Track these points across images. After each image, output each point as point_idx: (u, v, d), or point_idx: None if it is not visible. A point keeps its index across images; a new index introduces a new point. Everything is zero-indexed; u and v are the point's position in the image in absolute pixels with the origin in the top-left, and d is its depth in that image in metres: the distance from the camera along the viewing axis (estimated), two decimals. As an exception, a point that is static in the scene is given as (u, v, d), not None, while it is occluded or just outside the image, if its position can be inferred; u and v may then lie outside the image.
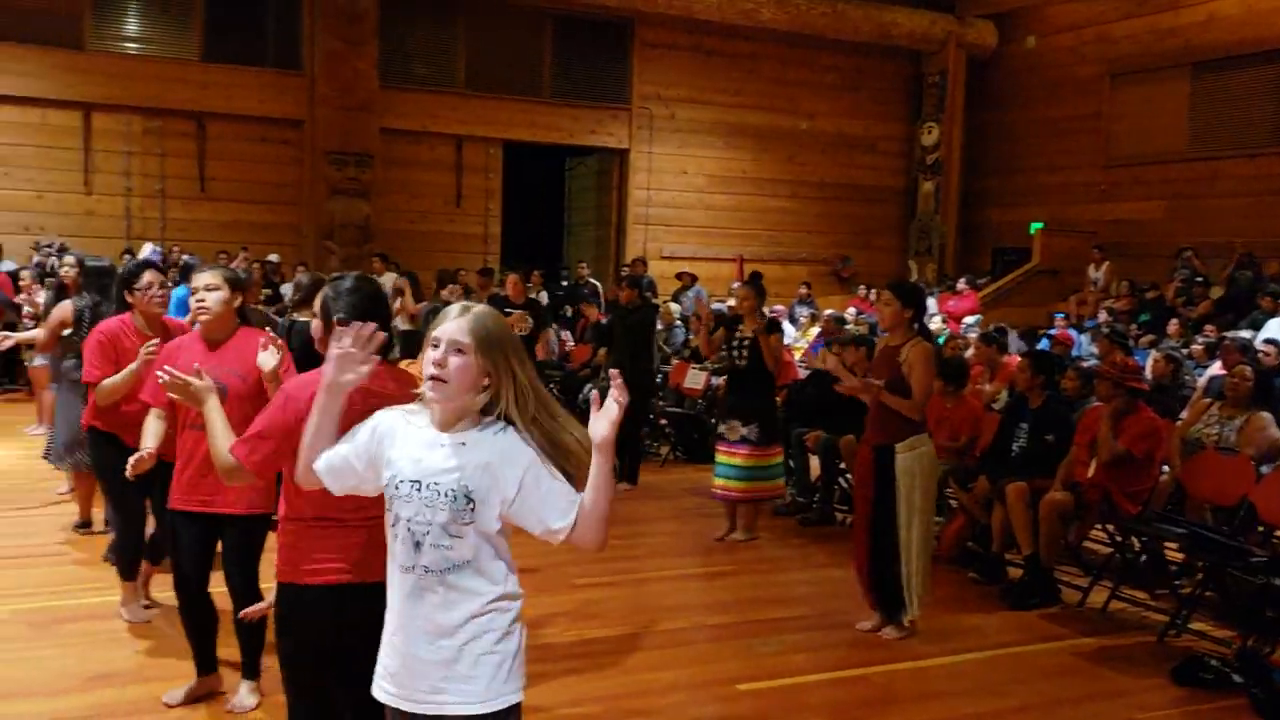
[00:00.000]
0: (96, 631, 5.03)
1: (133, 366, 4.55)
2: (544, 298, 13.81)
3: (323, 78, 14.25)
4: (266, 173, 14.66)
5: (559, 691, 4.62)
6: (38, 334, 6.49)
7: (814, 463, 8.16)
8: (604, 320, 9.85)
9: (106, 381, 4.68)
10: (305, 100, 14.46)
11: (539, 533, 2.38)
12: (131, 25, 14.11)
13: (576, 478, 2.40)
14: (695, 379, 9.62)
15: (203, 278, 4.09)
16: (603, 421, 2.33)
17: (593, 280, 15.17)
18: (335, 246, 14.26)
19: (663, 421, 10.23)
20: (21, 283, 10.74)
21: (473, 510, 2.33)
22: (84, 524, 6.56)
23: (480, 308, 2.41)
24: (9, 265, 12.30)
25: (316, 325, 3.07)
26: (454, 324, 2.35)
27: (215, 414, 3.04)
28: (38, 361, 9.03)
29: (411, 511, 2.34)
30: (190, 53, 14.19)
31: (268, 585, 3.29)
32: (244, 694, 4.21)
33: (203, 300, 4.02)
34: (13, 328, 9.86)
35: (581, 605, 5.78)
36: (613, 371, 2.40)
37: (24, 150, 13.52)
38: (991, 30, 17.85)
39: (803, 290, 15.59)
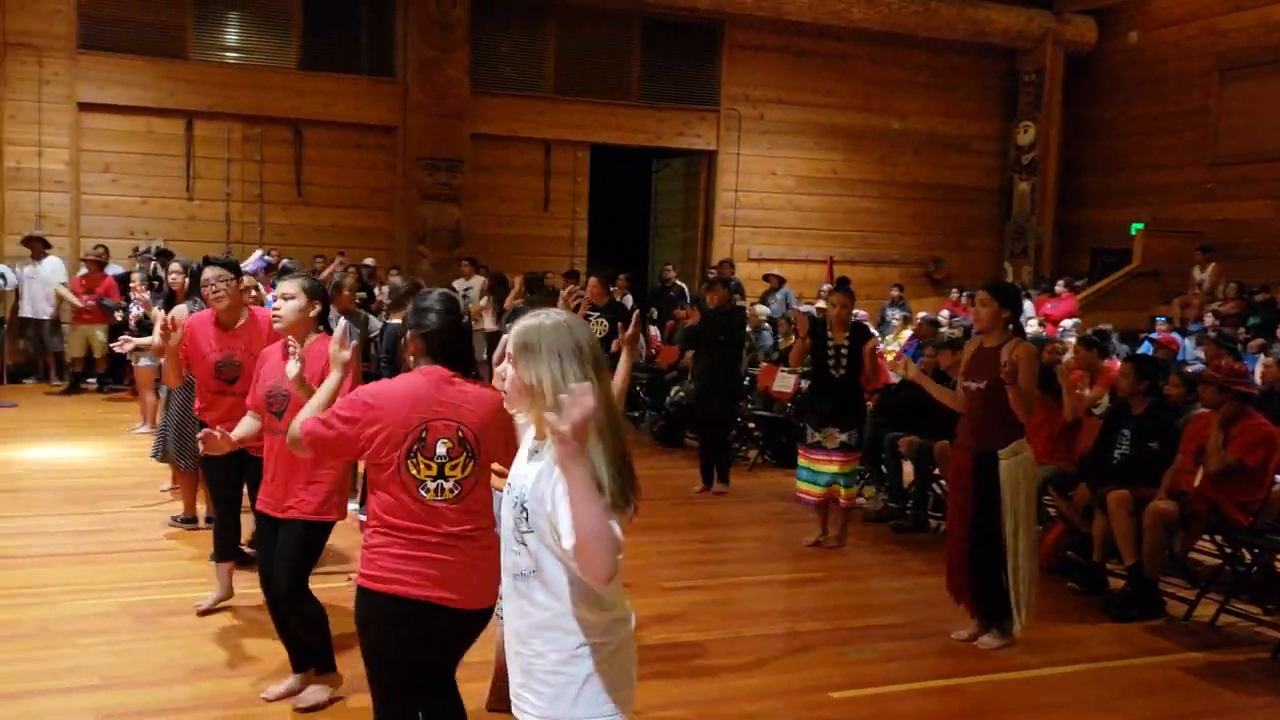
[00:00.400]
0: (200, 625, 5.17)
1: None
2: (629, 300, 13.84)
3: (415, 85, 14.47)
4: (361, 178, 14.92)
5: (648, 694, 4.60)
6: (155, 339, 6.68)
7: (907, 468, 8.01)
8: (694, 323, 9.82)
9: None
10: (399, 107, 14.70)
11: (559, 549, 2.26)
12: (232, 35, 14.49)
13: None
14: (784, 382, 9.54)
15: (282, 286, 4.26)
16: (559, 432, 2.09)
17: (679, 282, 15.14)
18: (427, 250, 14.46)
19: (750, 425, 10.15)
20: (131, 285, 11.07)
21: (527, 519, 2.33)
22: (188, 519, 6.75)
23: (534, 316, 2.34)
24: (116, 269, 12.72)
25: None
26: (510, 334, 2.37)
27: (331, 384, 3.21)
28: (143, 362, 9.32)
29: (504, 515, 2.42)
30: (288, 62, 14.52)
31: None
32: (311, 690, 4.28)
33: (278, 308, 4.20)
34: (119, 330, 10.21)
35: (670, 609, 5.76)
36: (579, 387, 2.12)
37: (130, 157, 13.95)
38: (1091, 26, 17.38)
39: (894, 293, 15.36)
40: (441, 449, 2.96)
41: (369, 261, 13.76)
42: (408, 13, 14.48)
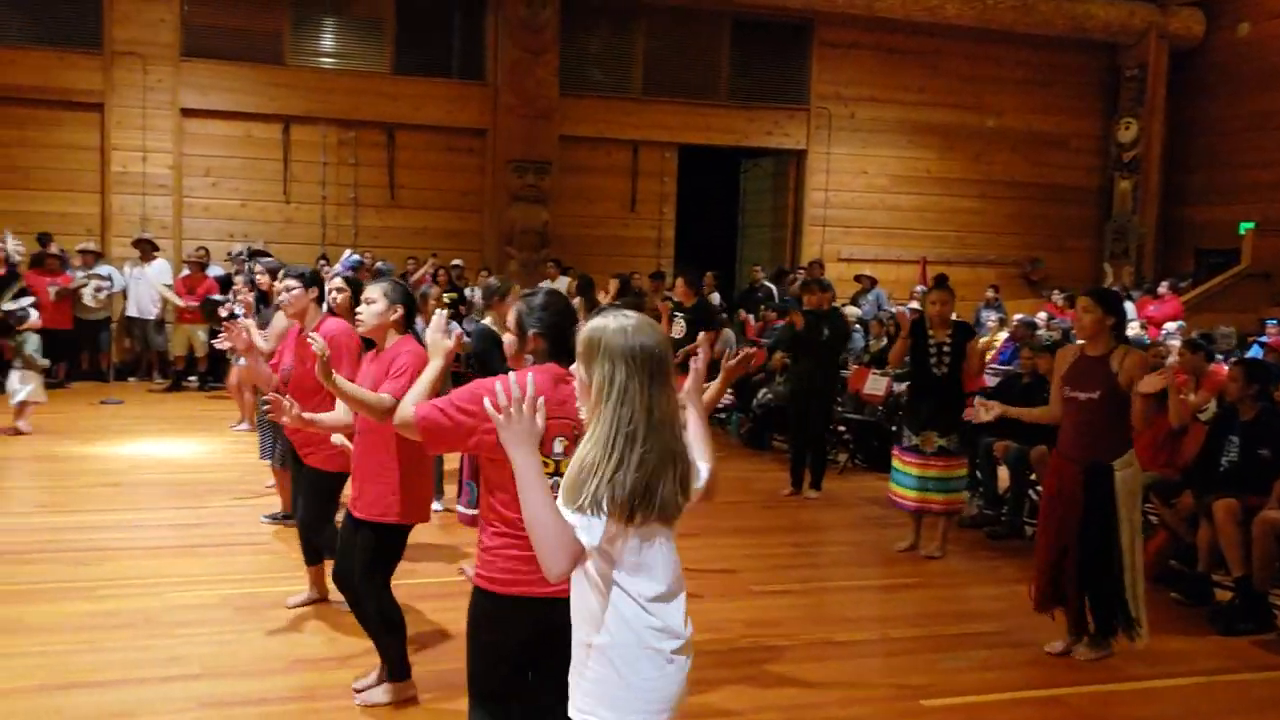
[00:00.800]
0: (299, 617, 5.27)
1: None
2: (716, 299, 13.81)
3: (506, 88, 14.61)
4: (452, 181, 15.11)
5: (738, 697, 4.58)
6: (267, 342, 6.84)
7: (1002, 473, 7.83)
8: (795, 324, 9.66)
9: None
10: (489, 110, 14.85)
11: None
12: (328, 41, 14.80)
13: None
14: (876, 385, 9.40)
15: (367, 290, 4.31)
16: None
17: (768, 283, 15.03)
18: (515, 252, 14.59)
19: (841, 428, 10.02)
20: (235, 287, 11.36)
21: None
22: (286, 515, 6.90)
23: (600, 317, 2.36)
24: (216, 270, 13.08)
25: (511, 340, 3.19)
26: (579, 333, 2.41)
27: (433, 371, 3.25)
28: (242, 362, 9.55)
29: None
30: (382, 66, 14.77)
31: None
32: (377, 690, 4.31)
33: (360, 312, 4.30)
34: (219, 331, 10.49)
35: (760, 612, 5.72)
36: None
37: (230, 162, 14.33)
38: (1198, 18, 16.82)
39: (990, 294, 15.04)
40: (558, 447, 2.95)
41: (457, 263, 13.92)
42: (499, 16, 14.63)
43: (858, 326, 11.75)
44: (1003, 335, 12.10)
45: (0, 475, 7.91)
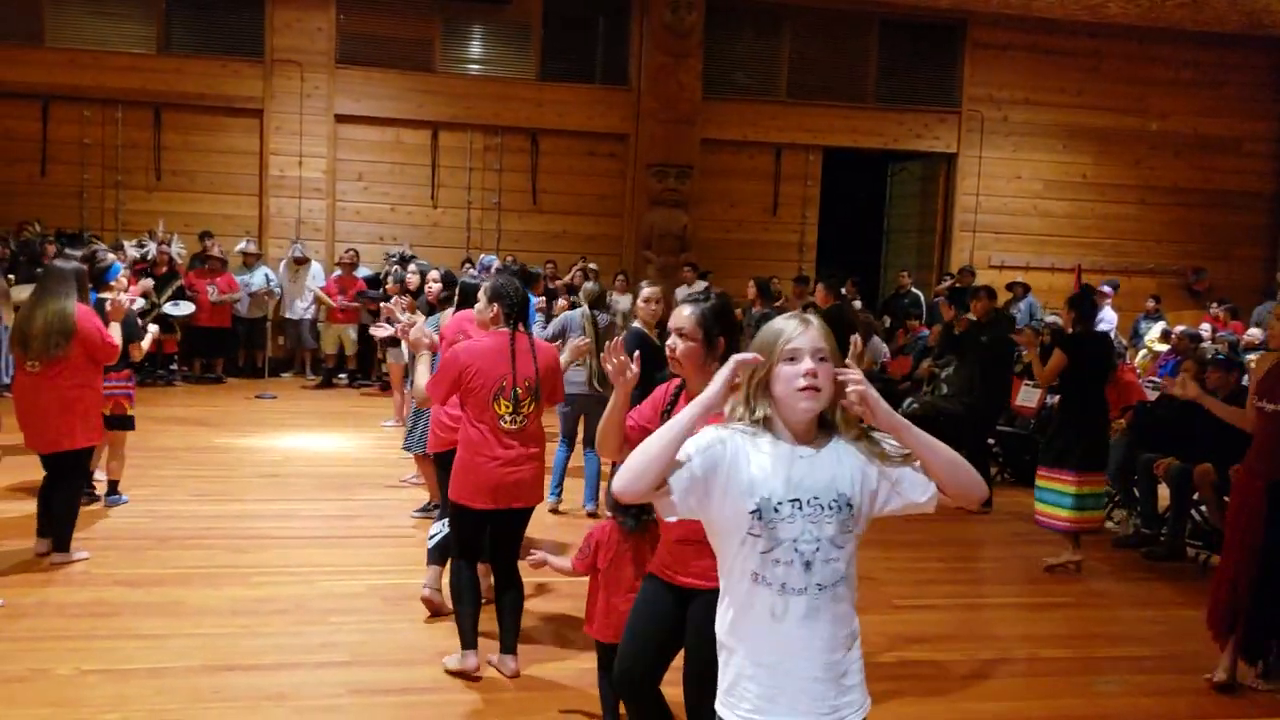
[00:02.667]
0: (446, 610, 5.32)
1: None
2: (857, 304, 13.55)
3: (648, 92, 14.66)
4: (592, 185, 15.23)
5: (880, 713, 4.38)
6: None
7: (1162, 491, 7.43)
8: (959, 331, 9.40)
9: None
10: (631, 114, 14.93)
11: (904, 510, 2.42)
12: (476, 48, 15.11)
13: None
14: (1028, 396, 9.05)
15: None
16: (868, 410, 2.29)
17: (914, 290, 14.67)
18: (653, 255, 14.61)
19: (990, 441, 9.68)
20: (387, 288, 11.71)
21: (854, 518, 2.34)
22: (435, 506, 7.00)
23: (817, 318, 2.41)
24: (365, 272, 13.47)
25: (691, 346, 3.14)
26: (813, 333, 2.33)
27: (618, 402, 3.14)
28: (393, 359, 9.80)
29: (796, 531, 2.28)
30: (528, 73, 14.99)
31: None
32: (508, 661, 4.54)
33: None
34: (368, 330, 10.80)
35: (905, 627, 5.55)
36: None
37: (381, 166, 14.75)
38: (1385, 11, 15.75)
39: (1150, 304, 14.36)
40: None
41: (592, 266, 14.00)
42: (643, 21, 14.69)
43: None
44: (1162, 347, 11.56)
45: (162, 465, 8.26)
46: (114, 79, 13.65)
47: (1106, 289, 13.94)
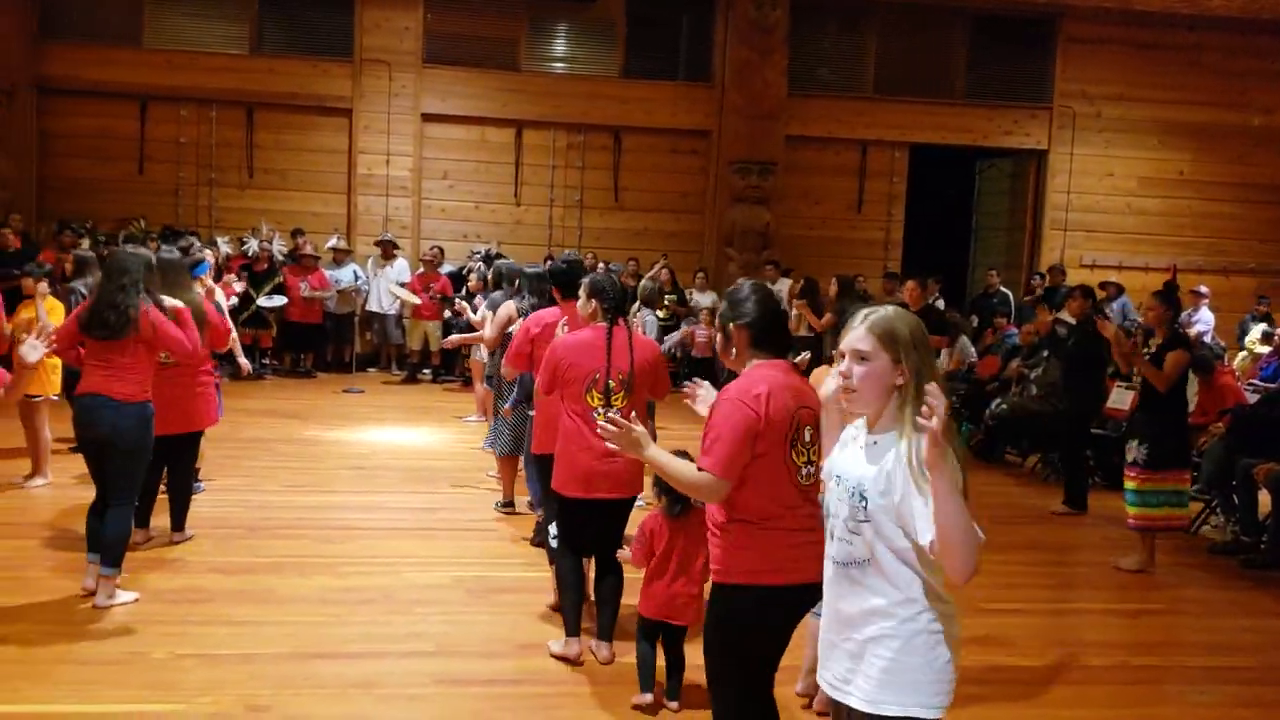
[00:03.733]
0: (526, 603, 5.38)
1: None
2: (941, 304, 13.36)
3: (732, 88, 14.60)
4: (674, 182, 15.21)
5: (960, 715, 4.36)
6: (485, 334, 7.08)
7: (1264, 499, 7.18)
8: (1060, 331, 9.22)
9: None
10: (714, 111, 14.88)
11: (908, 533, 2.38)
12: (560, 47, 15.20)
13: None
14: (1120, 398, 8.78)
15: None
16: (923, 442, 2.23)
17: (1003, 289, 14.37)
18: (734, 253, 14.55)
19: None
20: (470, 285, 11.87)
21: (865, 509, 2.39)
22: (507, 503, 7.08)
23: (884, 309, 2.46)
24: (448, 268, 13.64)
25: (717, 336, 3.30)
26: (855, 332, 2.43)
27: (659, 457, 3.16)
28: (476, 355, 9.90)
29: (831, 503, 2.51)
30: (612, 70, 15.04)
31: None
32: (603, 647, 4.62)
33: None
34: (450, 327, 10.95)
35: (991, 630, 5.43)
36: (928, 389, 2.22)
37: (466, 165, 14.92)
38: None
39: (1261, 306, 13.86)
40: (807, 435, 3.08)
41: (659, 264, 13.98)
42: (728, 17, 14.63)
43: (1102, 336, 11.04)
44: (1263, 349, 11.18)
45: (253, 456, 8.46)
46: (209, 79, 14.02)
47: (1203, 290, 13.53)
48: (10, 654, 4.13)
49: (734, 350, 3.19)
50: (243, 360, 7.77)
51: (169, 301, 5.31)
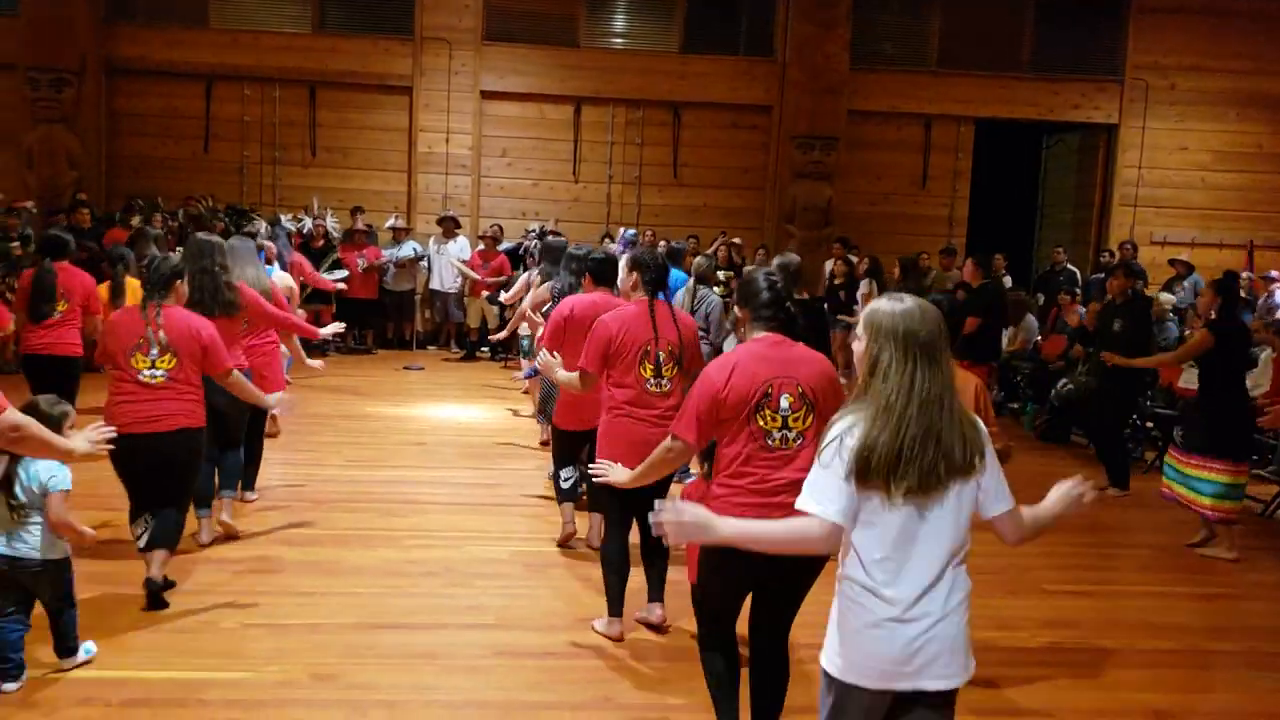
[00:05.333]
0: (585, 578, 5.41)
1: None
2: (1008, 281, 13.16)
3: (794, 63, 14.44)
4: (734, 158, 15.11)
5: (1029, 696, 4.36)
6: (523, 307, 7.26)
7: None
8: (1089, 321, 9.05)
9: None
10: (775, 86, 14.73)
11: None
12: (619, 22, 15.13)
13: None
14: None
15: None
16: None
17: (1070, 266, 14.09)
18: (795, 230, 14.43)
19: (1149, 424, 9.26)
20: (527, 262, 11.90)
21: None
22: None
23: (886, 299, 2.60)
24: (506, 246, 13.68)
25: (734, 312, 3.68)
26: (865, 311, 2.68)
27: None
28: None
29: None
30: (670, 46, 14.94)
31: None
32: (655, 609, 4.77)
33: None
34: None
35: (1055, 612, 5.39)
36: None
37: (524, 142, 14.94)
38: None
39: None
40: (784, 403, 3.39)
41: (736, 240, 13.90)
42: (789, -9, 14.47)
43: (1172, 315, 10.80)
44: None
45: (317, 432, 8.59)
46: (272, 58, 14.18)
47: (1275, 274, 13.12)
48: (84, 620, 4.23)
49: (743, 327, 3.62)
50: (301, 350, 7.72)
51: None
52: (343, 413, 9.51)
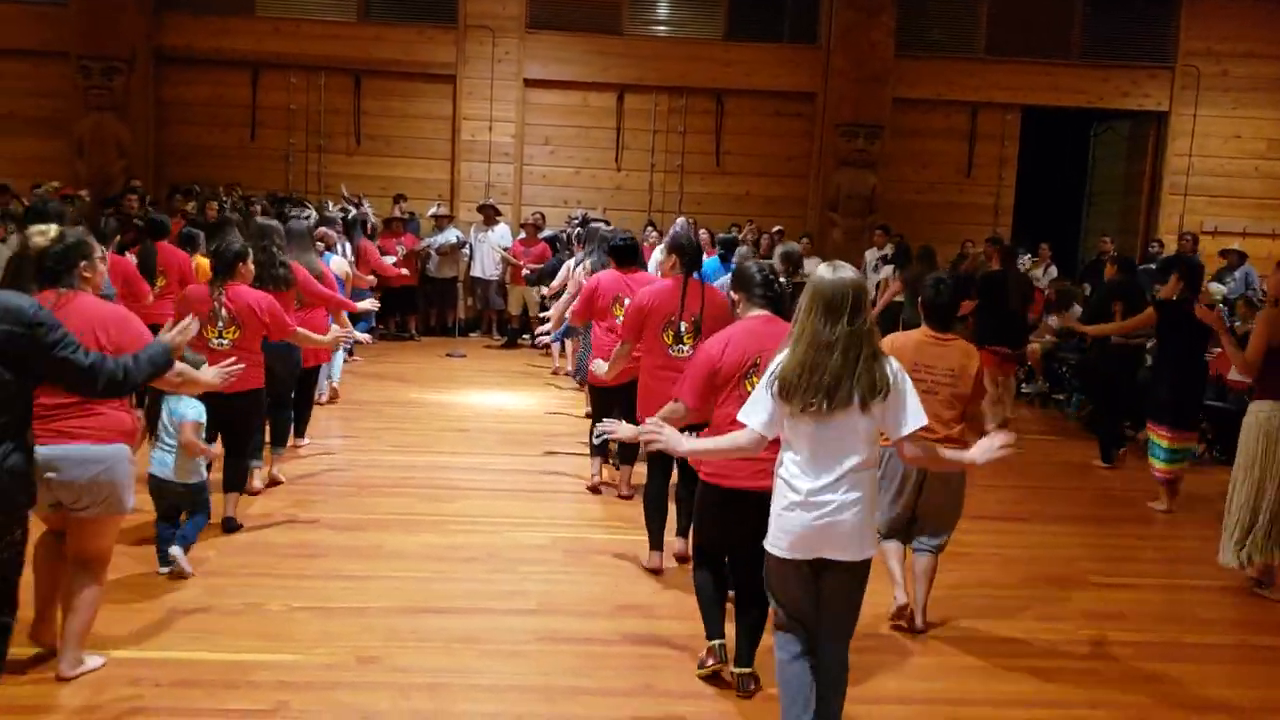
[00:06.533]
0: (622, 566, 5.45)
1: None
2: (1053, 271, 13.04)
3: (838, 50, 14.31)
4: (777, 146, 15.01)
5: (1074, 688, 4.33)
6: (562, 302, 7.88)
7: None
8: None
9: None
10: (819, 73, 14.61)
11: None
12: (663, 9, 15.05)
13: None
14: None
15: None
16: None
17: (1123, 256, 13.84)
18: (839, 218, 14.33)
19: (1201, 420, 9.09)
20: (575, 249, 11.91)
21: None
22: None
23: (823, 267, 3.35)
24: (548, 233, 13.69)
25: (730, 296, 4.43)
26: None
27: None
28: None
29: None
30: (714, 33, 14.86)
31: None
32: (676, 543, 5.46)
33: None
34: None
35: (1101, 604, 5.34)
36: None
37: (567, 130, 14.92)
38: None
39: None
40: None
41: (778, 229, 13.84)
42: (835, -23, 14.34)
43: (1223, 306, 10.60)
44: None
45: (361, 418, 8.68)
46: (317, 47, 14.27)
47: None
48: (135, 601, 4.31)
49: (738, 306, 4.23)
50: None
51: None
52: (386, 399, 9.59)
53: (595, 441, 6.48)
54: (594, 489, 6.75)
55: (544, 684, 4.10)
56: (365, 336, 7.85)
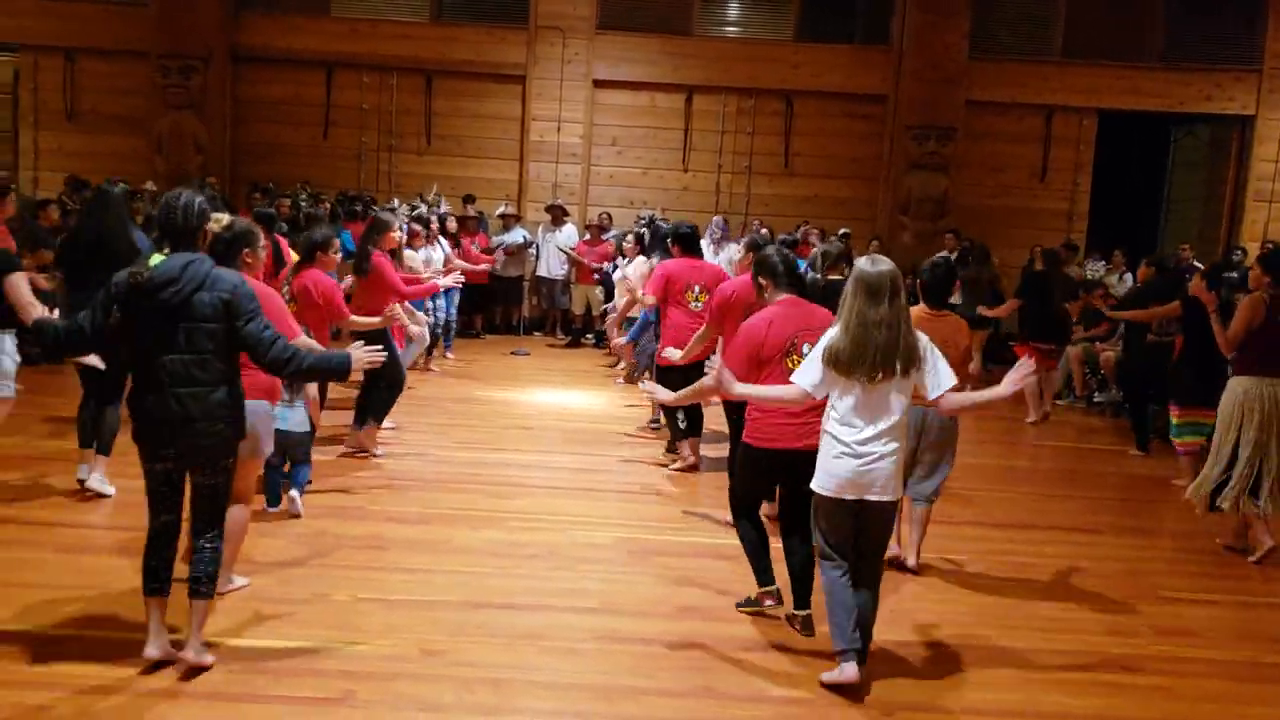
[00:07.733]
0: (684, 567, 5.43)
1: None
2: (1129, 279, 12.76)
3: (911, 51, 14.16)
4: (847, 148, 14.89)
5: (1143, 708, 4.21)
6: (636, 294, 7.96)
7: None
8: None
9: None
10: (891, 75, 14.47)
11: None
12: (733, 10, 15.03)
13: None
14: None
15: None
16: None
17: (1197, 264, 13.51)
18: (909, 221, 14.19)
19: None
20: (625, 249, 11.93)
21: None
22: (654, 421, 8.40)
23: (865, 260, 4.09)
24: (613, 234, 13.71)
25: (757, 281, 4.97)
26: None
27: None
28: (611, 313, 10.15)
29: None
30: (785, 34, 14.79)
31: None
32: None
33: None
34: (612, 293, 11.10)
35: (1172, 620, 5.20)
36: None
37: (634, 131, 14.95)
38: None
39: None
40: (806, 349, 4.45)
41: (845, 230, 13.71)
42: (905, -23, 14.17)
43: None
44: None
45: (427, 414, 8.76)
46: (390, 47, 14.47)
47: None
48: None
49: (766, 291, 4.81)
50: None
51: None
52: (452, 396, 9.69)
53: (680, 426, 7.19)
54: (692, 467, 7.28)
55: (603, 683, 4.10)
56: (419, 326, 8.46)
